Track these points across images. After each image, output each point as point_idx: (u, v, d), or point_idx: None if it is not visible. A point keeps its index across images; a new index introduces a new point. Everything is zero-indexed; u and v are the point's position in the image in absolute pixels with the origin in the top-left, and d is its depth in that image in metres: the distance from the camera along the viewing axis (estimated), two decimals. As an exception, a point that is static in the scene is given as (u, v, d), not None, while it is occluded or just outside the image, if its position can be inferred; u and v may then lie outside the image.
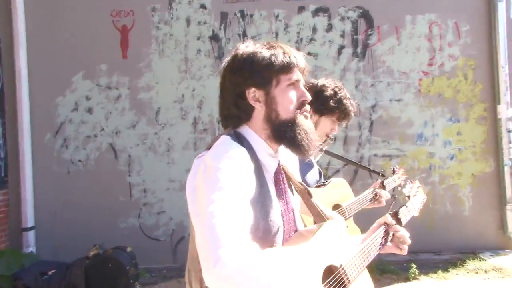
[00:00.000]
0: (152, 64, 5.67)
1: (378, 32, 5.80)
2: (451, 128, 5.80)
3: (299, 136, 1.46)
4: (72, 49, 5.58)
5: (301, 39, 5.76)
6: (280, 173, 1.57)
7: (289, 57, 1.48)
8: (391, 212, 1.80)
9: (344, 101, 2.56)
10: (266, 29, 5.72)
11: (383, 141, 5.76)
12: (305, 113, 1.51)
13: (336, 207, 2.58)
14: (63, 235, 5.40)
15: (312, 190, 2.21)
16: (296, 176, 1.66)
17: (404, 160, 5.76)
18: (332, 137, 2.61)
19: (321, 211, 1.68)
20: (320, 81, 2.60)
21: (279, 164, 1.57)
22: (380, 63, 5.77)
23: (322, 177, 2.75)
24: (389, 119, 5.76)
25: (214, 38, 5.67)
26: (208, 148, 1.46)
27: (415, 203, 2.09)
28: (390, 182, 2.96)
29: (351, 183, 5.37)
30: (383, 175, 3.10)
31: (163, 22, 5.68)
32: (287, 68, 1.47)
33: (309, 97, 1.52)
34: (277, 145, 1.52)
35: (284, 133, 1.47)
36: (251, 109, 1.50)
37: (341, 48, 5.78)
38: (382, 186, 2.88)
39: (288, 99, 1.49)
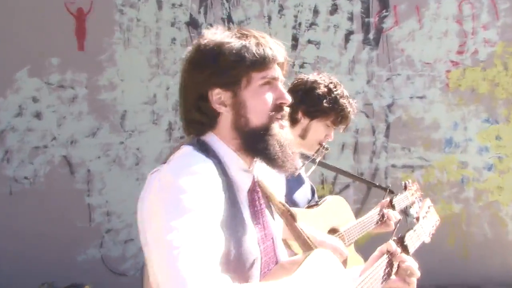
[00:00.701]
0: (115, 56, 5.63)
1: (395, 13, 5.74)
2: (488, 131, 5.74)
3: (272, 148, 1.50)
4: (15, 38, 5.53)
5: (300, 24, 5.71)
6: (255, 192, 1.60)
7: (264, 50, 1.49)
8: (396, 238, 1.81)
9: (341, 100, 2.60)
10: (256, 12, 5.69)
11: (403, 149, 5.71)
12: (281, 121, 1.53)
13: (332, 231, 2.61)
14: (4, 272, 5.32)
15: (301, 211, 2.36)
16: (277, 196, 1.69)
17: (430, 172, 5.69)
18: (327, 146, 2.67)
19: (308, 237, 1.71)
20: (311, 76, 2.65)
21: (254, 180, 1.60)
22: (397, 52, 5.71)
23: (316, 196, 2.80)
24: (410, 121, 5.71)
25: (192, 23, 5.64)
26: (166, 162, 1.47)
27: (425, 226, 2.09)
28: (401, 200, 2.99)
29: (363, 201, 5.52)
30: (391, 192, 3.12)
31: (128, 5, 5.64)
32: (260, 63, 1.49)
33: (288, 98, 1.55)
34: (251, 157, 1.55)
35: (254, 143, 1.50)
36: (215, 114, 1.53)
37: (349, 34, 5.74)
38: (391, 206, 2.91)
39: (261, 102, 1.52)
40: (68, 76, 5.60)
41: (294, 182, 2.55)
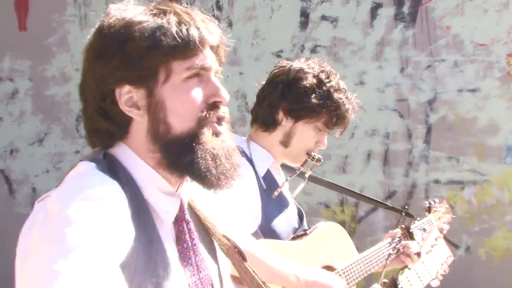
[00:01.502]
0: (68, 39, 5.66)
1: (438, -21, 5.67)
2: None
3: (201, 162, 1.49)
4: None
5: (311, -5, 5.72)
6: (185, 223, 1.60)
7: (188, 30, 1.47)
8: (386, 281, 1.86)
9: (335, 94, 2.58)
10: (255, -21, 5.78)
11: (449, 159, 5.45)
12: (217, 125, 1.54)
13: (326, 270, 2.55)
14: None
15: (283, 244, 2.44)
16: (221, 227, 1.71)
17: (486, 189, 5.40)
18: (318, 157, 2.63)
19: (263, 283, 1.72)
20: (296, 63, 2.65)
21: (182, 207, 1.60)
22: (441, 31, 5.47)
23: (305, 222, 2.76)
24: (458, 121, 5.46)
25: (167, -5, 5.72)
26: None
27: (430, 264, 2.14)
28: (422, 226, 2.90)
29: (394, 227, 5.21)
30: (409, 215, 3.05)
31: (85, -28, 5.84)
32: (183, 49, 1.47)
33: (225, 95, 1.55)
34: (177, 176, 1.55)
35: (178, 157, 1.50)
36: (126, 119, 1.52)
37: (376, 8, 5.56)
38: (408, 234, 2.82)
39: (186, 101, 1.50)
40: (6, 65, 5.63)
41: (273, 206, 2.52)
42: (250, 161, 2.48)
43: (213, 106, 1.52)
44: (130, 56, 1.45)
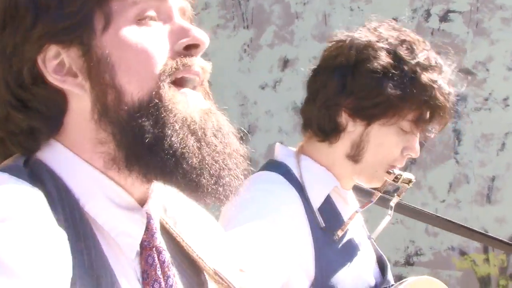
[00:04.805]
0: None
1: None
2: None
3: (173, 138, 1.14)
4: None
5: None
6: (155, 252, 1.26)
7: None
8: None
9: (424, 76, 2.16)
10: None
11: None
12: (191, 81, 1.21)
13: None
14: None
15: None
16: (212, 258, 1.38)
17: None
18: (405, 176, 2.19)
19: None
20: (360, 35, 2.23)
21: (150, 227, 1.24)
22: None
23: (388, 274, 2.37)
24: None
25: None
26: None
27: None
28: None
29: None
30: None
31: None
32: None
33: (200, 35, 1.21)
34: (141, 178, 1.20)
35: (136, 139, 1.15)
36: (57, 102, 1.20)
37: None
38: None
39: (141, 48, 1.19)
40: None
41: (335, 252, 2.10)
42: (300, 187, 2.05)
43: (186, 51, 1.17)
44: (48, 5, 1.15)
